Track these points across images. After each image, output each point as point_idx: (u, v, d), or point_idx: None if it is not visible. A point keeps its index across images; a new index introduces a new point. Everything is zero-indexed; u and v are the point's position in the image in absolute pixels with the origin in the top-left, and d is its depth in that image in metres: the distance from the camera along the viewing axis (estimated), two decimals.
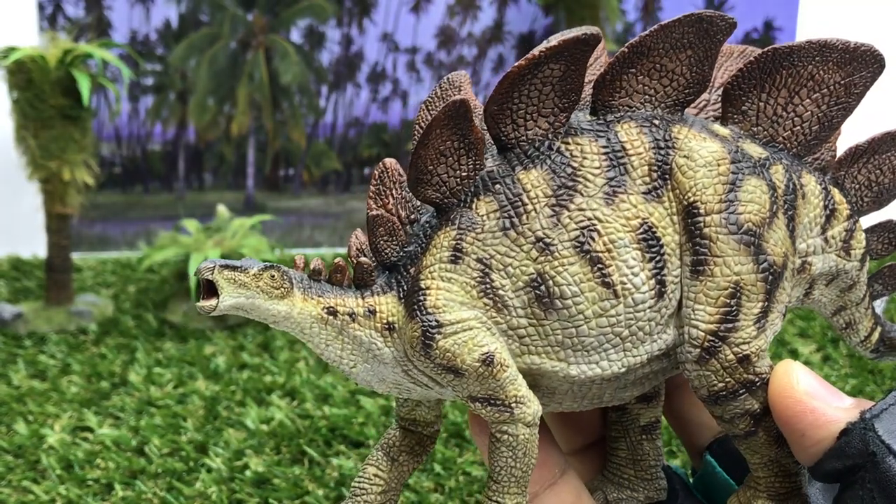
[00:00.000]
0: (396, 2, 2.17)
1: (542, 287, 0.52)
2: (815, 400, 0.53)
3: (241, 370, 1.41)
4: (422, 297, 0.52)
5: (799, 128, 0.58)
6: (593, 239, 0.52)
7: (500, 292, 0.52)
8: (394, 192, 0.55)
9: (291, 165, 2.20)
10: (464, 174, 0.53)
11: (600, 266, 0.52)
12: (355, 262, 0.54)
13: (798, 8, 2.03)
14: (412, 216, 0.55)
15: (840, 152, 0.61)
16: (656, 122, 0.55)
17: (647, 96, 0.55)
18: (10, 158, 1.57)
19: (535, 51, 0.51)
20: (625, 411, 0.63)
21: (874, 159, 0.62)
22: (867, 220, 0.64)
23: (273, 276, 0.52)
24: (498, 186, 0.53)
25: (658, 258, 0.53)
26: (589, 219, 0.52)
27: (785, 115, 0.57)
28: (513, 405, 0.52)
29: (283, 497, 1.05)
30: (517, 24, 2.07)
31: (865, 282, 0.64)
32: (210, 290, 0.50)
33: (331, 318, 0.53)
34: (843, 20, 2.07)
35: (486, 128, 0.54)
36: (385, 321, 0.53)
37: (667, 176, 0.54)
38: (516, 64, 0.52)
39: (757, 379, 0.54)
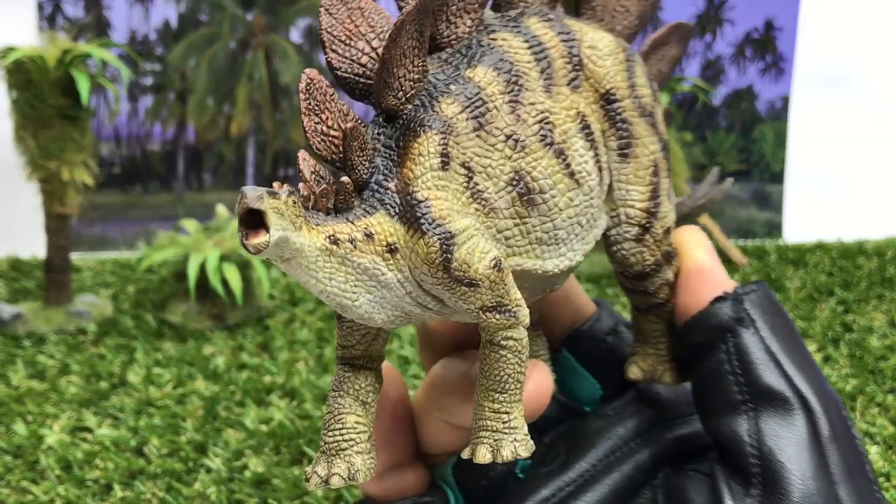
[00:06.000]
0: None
1: (522, 184, 0.51)
2: (711, 257, 0.61)
3: (240, 370, 1.41)
4: (425, 211, 0.47)
5: (627, 22, 0.61)
6: (552, 131, 0.52)
7: (486, 195, 0.50)
8: (328, 105, 0.49)
9: (291, 165, 2.20)
10: (416, 77, 0.49)
11: (563, 157, 0.53)
12: (336, 183, 0.48)
13: (799, 8, 2.03)
14: None
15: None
16: (550, 16, 0.56)
17: None
18: (8, 158, 1.57)
19: None
20: None
21: (661, 51, 0.66)
22: None
23: (295, 202, 0.44)
24: (453, 87, 0.50)
25: (595, 145, 0.55)
26: (541, 112, 0.52)
27: (619, 11, 0.61)
28: (515, 309, 0.49)
29: (283, 497, 1.04)
30: None
31: None
32: (250, 223, 0.42)
33: (334, 247, 0.47)
34: (845, 20, 2.07)
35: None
36: (385, 243, 0.48)
37: (579, 67, 0.55)
38: None
39: (672, 249, 0.59)
